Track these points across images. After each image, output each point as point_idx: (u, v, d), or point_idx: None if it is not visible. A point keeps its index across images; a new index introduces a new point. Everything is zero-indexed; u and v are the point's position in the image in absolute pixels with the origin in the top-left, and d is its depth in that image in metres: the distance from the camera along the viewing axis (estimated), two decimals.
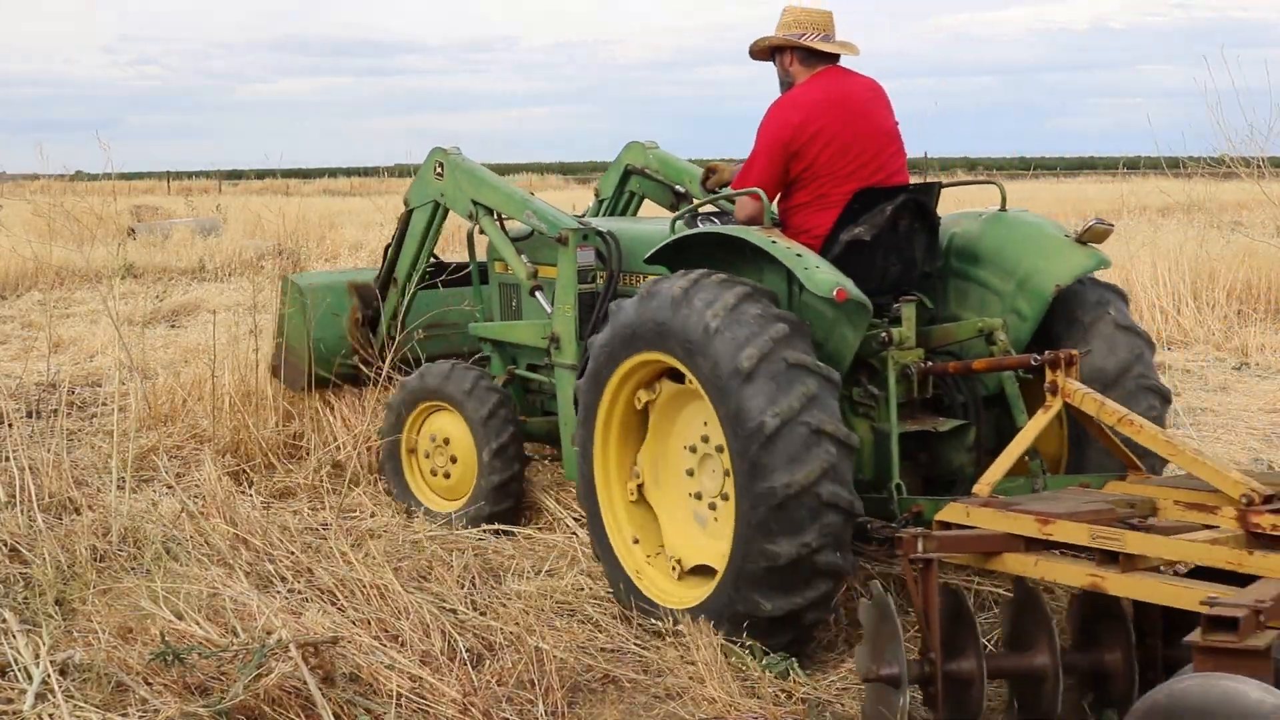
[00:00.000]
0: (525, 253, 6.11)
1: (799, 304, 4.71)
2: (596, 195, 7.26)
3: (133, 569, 5.06)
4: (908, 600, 4.13)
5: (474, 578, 5.16)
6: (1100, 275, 5.10)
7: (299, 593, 4.83)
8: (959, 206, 5.90)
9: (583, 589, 5.15)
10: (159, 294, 13.54)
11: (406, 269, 6.78)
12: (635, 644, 4.58)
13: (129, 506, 5.60)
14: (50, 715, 3.57)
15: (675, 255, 4.99)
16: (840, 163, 4.89)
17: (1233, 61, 7.57)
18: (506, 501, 5.97)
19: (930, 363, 4.84)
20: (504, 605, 4.75)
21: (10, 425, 6.60)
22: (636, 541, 4.95)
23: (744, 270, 4.77)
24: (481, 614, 4.71)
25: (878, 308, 4.78)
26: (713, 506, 4.71)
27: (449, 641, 4.32)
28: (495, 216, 6.28)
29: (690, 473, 4.79)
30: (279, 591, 4.84)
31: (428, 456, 6.28)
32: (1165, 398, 4.99)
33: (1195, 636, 3.01)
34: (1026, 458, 4.56)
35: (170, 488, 6.17)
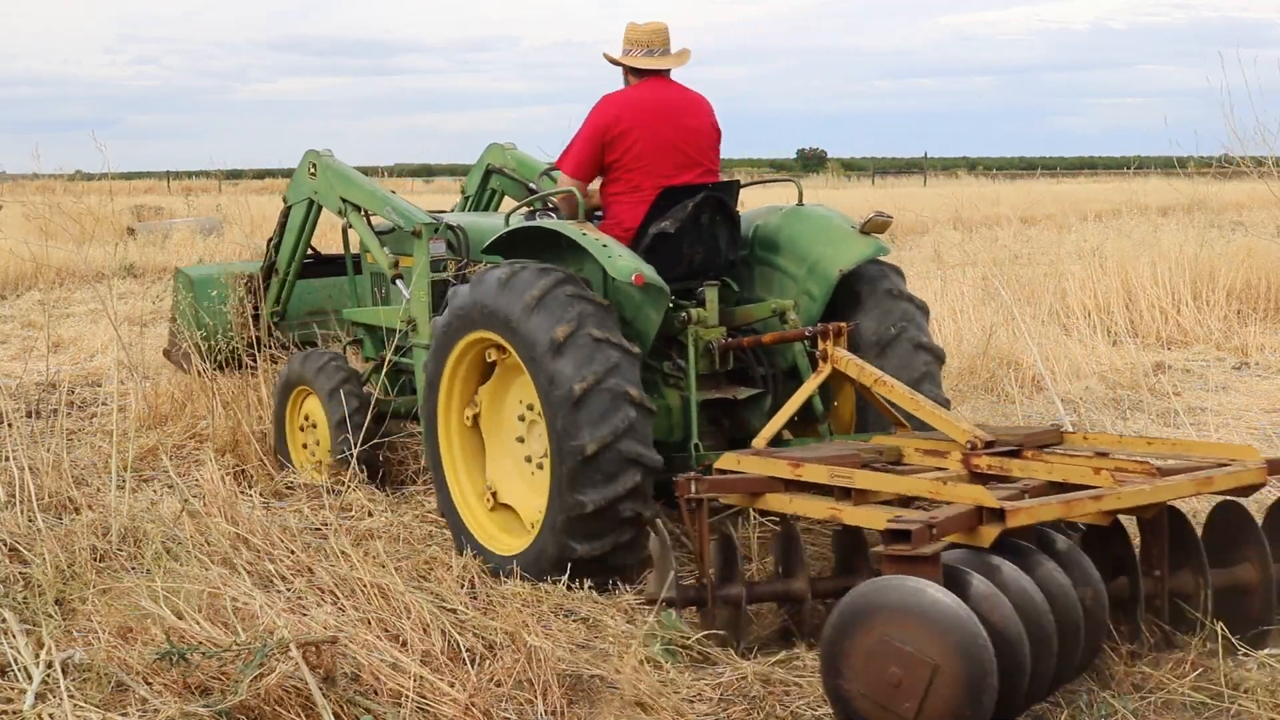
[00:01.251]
0: (389, 245, 6.73)
1: (611, 288, 5.33)
2: (463, 193, 7.89)
3: (133, 569, 5.06)
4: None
5: (474, 577, 5.16)
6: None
7: (300, 592, 4.83)
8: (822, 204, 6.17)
9: (580, 589, 5.15)
10: (159, 294, 13.53)
11: (286, 260, 7.42)
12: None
13: (129, 506, 5.60)
14: (50, 715, 3.56)
15: (509, 246, 5.61)
16: (650, 160, 5.60)
17: (1237, 61, 7.54)
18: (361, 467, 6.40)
19: (729, 339, 5.55)
20: (503, 605, 4.75)
21: (10, 425, 6.60)
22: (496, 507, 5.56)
23: (566, 259, 5.43)
24: (482, 613, 4.70)
25: (686, 291, 5.56)
26: (540, 466, 5.32)
27: (449, 641, 4.32)
28: (362, 212, 6.87)
29: (521, 439, 5.43)
30: (280, 591, 4.84)
31: (303, 430, 6.86)
32: (938, 356, 5.65)
33: (880, 547, 3.75)
34: (820, 421, 5.45)
35: (170, 487, 6.17)
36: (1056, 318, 10.67)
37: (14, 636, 4.02)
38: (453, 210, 7.56)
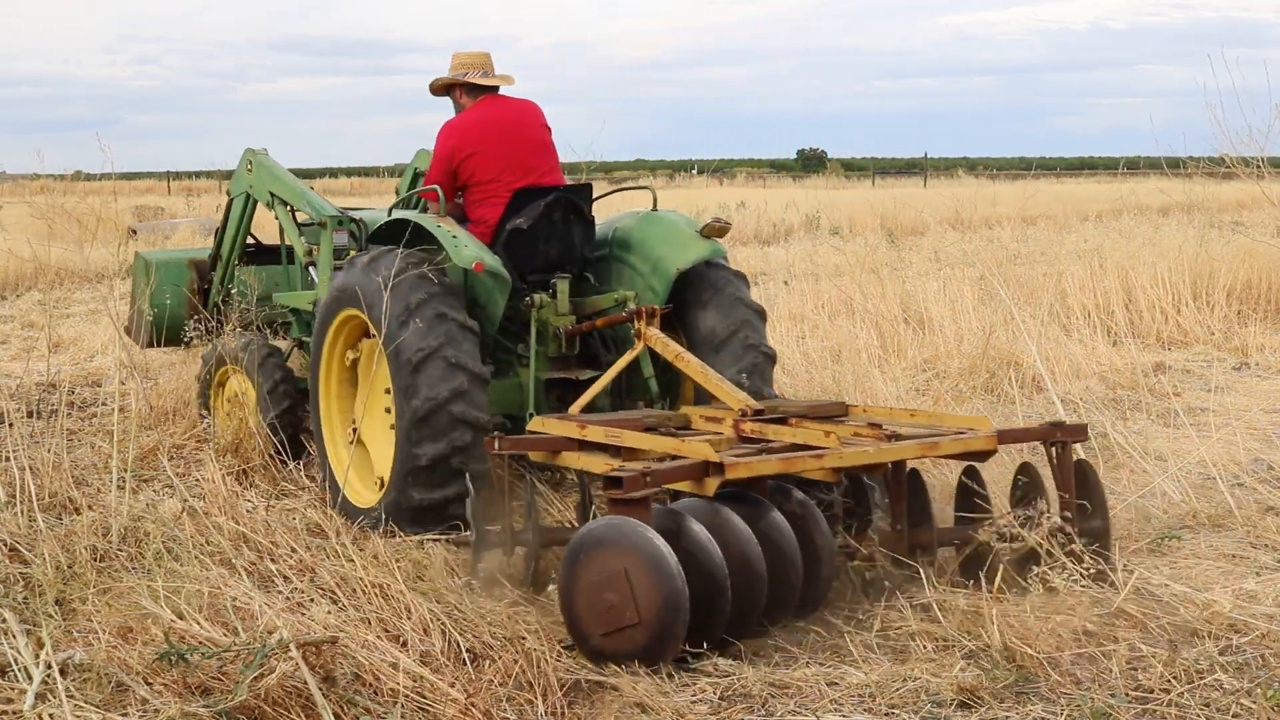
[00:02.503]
0: (307, 236, 7.41)
1: (473, 276, 5.98)
2: (397, 193, 8.37)
3: (133, 569, 5.06)
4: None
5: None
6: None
7: (301, 591, 4.83)
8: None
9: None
10: None
11: (228, 249, 8.05)
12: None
13: (129, 506, 5.60)
14: (50, 715, 3.56)
15: (388, 237, 6.30)
16: (497, 169, 6.36)
17: (1232, 62, 7.52)
18: (285, 432, 6.93)
19: (577, 325, 6.23)
20: (503, 604, 4.75)
21: (10, 425, 6.60)
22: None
23: (436, 248, 6.05)
24: (482, 613, 4.70)
25: (544, 282, 6.25)
26: (393, 428, 5.88)
27: (450, 641, 4.33)
28: (288, 206, 7.51)
29: (388, 409, 5.98)
30: (280, 591, 4.84)
31: (229, 411, 7.35)
32: (769, 356, 6.27)
33: (600, 491, 4.44)
34: (657, 397, 6.14)
35: (171, 487, 6.17)
36: (1056, 318, 10.67)
37: (14, 636, 4.02)
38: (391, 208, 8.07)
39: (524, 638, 4.33)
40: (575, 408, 5.85)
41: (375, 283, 5.81)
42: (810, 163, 79.54)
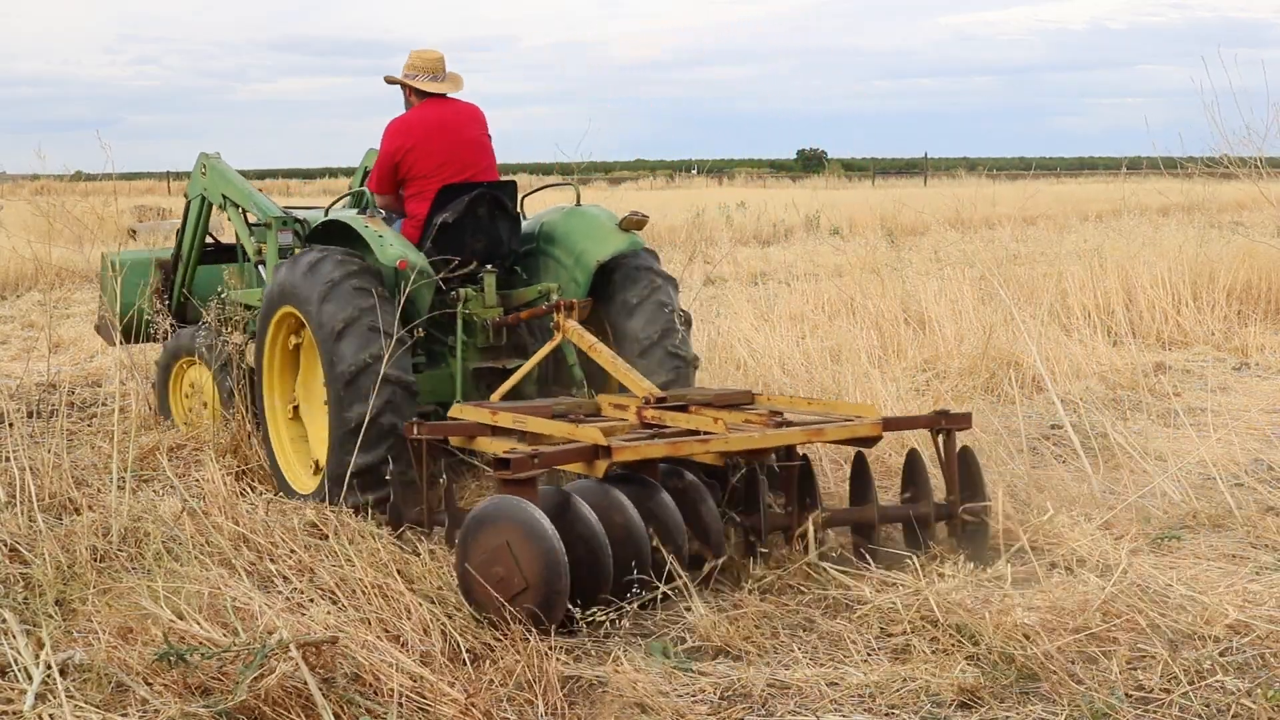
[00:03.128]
0: (258, 235, 7.73)
1: (401, 273, 6.34)
2: (350, 189, 8.68)
3: (133, 569, 5.06)
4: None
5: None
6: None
7: (300, 592, 4.83)
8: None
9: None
10: None
11: (187, 248, 8.34)
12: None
13: (129, 507, 5.60)
14: (50, 715, 3.56)
15: (325, 236, 6.75)
16: (432, 166, 6.71)
17: (1230, 62, 7.52)
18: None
19: (502, 317, 6.59)
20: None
21: (10, 425, 6.60)
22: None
23: (365, 246, 6.45)
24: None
25: (470, 275, 6.57)
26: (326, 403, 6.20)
27: (450, 641, 4.33)
28: (239, 207, 7.81)
29: (327, 402, 6.21)
30: (280, 591, 4.84)
31: (187, 398, 7.78)
32: (690, 363, 6.62)
33: (491, 472, 4.97)
34: (579, 386, 6.34)
35: (171, 487, 6.16)
36: (1056, 318, 10.67)
37: (14, 637, 4.01)
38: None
39: (524, 637, 4.33)
40: (496, 395, 6.24)
41: (306, 279, 6.22)
42: (810, 163, 79.50)
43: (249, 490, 6.35)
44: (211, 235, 8.45)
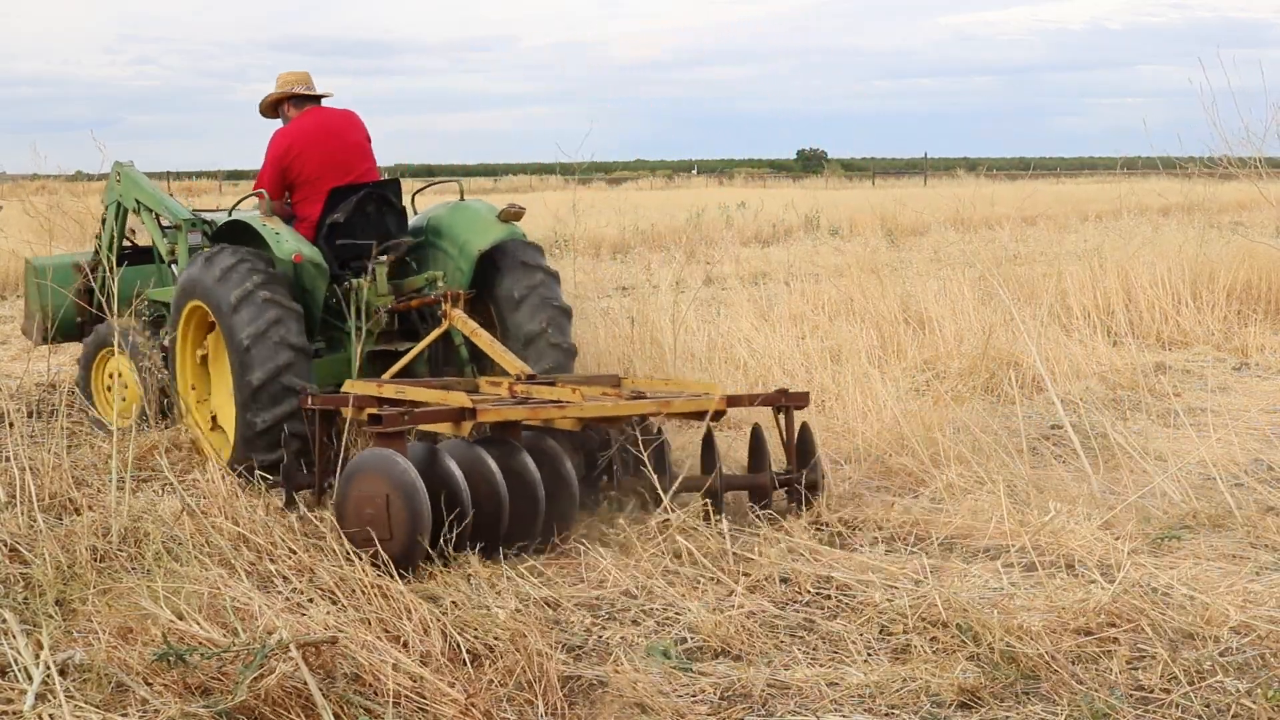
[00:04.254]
0: (170, 237, 8.17)
1: (298, 266, 6.95)
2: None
3: (133, 569, 5.06)
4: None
5: (472, 576, 5.16)
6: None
7: (300, 592, 4.82)
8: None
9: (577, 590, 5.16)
10: None
11: (106, 252, 8.62)
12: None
13: (129, 507, 5.60)
14: (50, 715, 3.56)
15: (229, 236, 7.32)
16: (319, 169, 7.33)
17: (1229, 62, 7.51)
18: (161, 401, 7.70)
19: (394, 304, 7.19)
20: (503, 605, 4.75)
21: (10, 425, 6.60)
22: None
23: (266, 244, 7.01)
24: (482, 613, 4.70)
25: (364, 267, 7.13)
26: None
27: (450, 641, 4.32)
28: (152, 211, 8.30)
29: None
30: (280, 591, 4.84)
31: (109, 390, 8.16)
32: (569, 352, 7.20)
33: (365, 428, 5.55)
34: (462, 364, 7.00)
35: (171, 487, 6.16)
36: (1056, 318, 10.66)
37: (14, 637, 4.01)
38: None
39: (524, 637, 4.33)
40: (387, 375, 6.87)
41: (206, 269, 6.83)
42: (810, 163, 79.55)
43: (248, 490, 6.35)
44: (129, 239, 8.91)
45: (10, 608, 4.42)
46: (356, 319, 7.08)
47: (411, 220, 7.67)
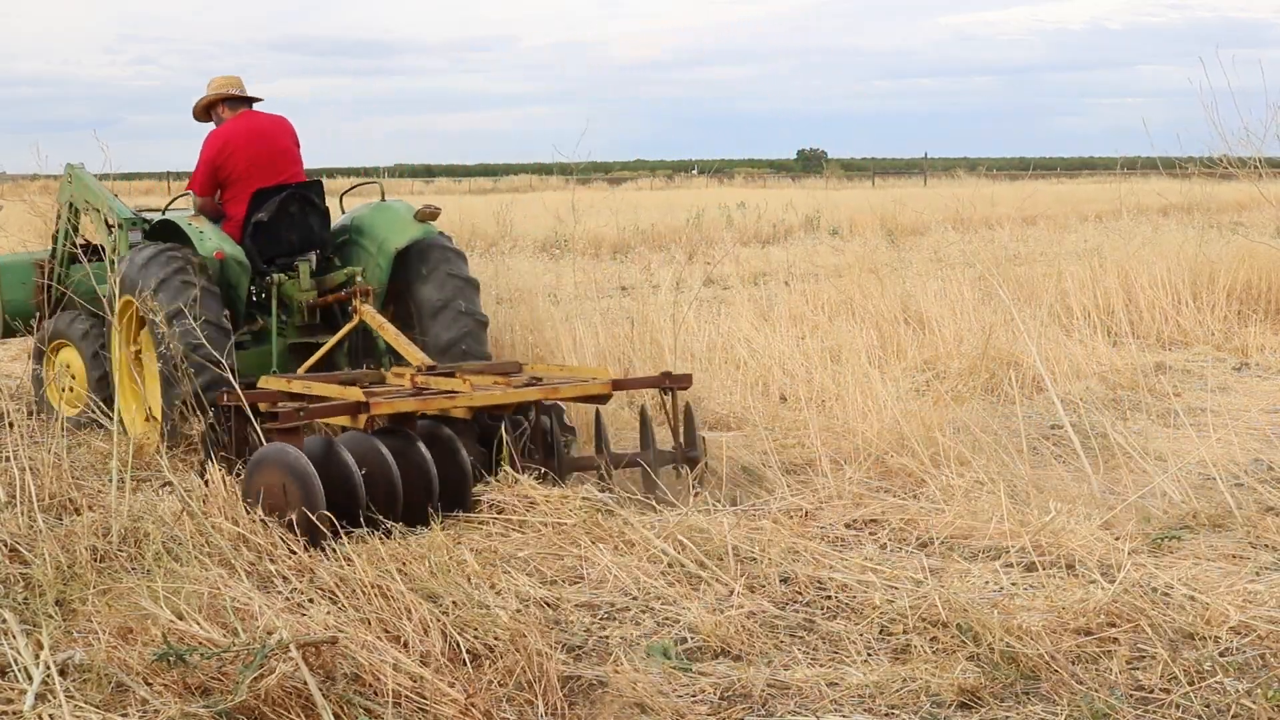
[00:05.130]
0: (115, 235, 8.51)
1: (223, 263, 7.50)
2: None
3: (133, 569, 5.06)
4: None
5: (471, 576, 5.16)
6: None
7: (300, 592, 4.82)
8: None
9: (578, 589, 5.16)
10: None
11: (60, 250, 9.03)
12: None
13: (129, 506, 5.60)
14: (50, 715, 3.56)
15: (161, 234, 7.82)
16: (247, 170, 7.80)
17: (1229, 62, 7.51)
18: (104, 392, 7.96)
19: (315, 300, 7.72)
20: (503, 606, 4.75)
21: (10, 425, 6.60)
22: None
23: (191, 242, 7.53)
24: (483, 613, 4.70)
25: (288, 264, 7.72)
26: None
27: (450, 641, 4.32)
28: (101, 211, 8.59)
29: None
30: (280, 591, 4.84)
31: (59, 378, 8.53)
32: (480, 321, 7.71)
33: (267, 423, 5.88)
34: (378, 356, 7.54)
35: (171, 486, 6.16)
36: (1056, 318, 10.67)
37: (14, 637, 4.01)
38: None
39: (524, 637, 4.33)
40: (303, 368, 7.31)
41: (135, 267, 7.32)
42: (810, 163, 79.53)
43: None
44: (83, 237, 9.16)
45: (10, 608, 4.42)
46: (281, 313, 7.62)
47: (337, 220, 8.14)
